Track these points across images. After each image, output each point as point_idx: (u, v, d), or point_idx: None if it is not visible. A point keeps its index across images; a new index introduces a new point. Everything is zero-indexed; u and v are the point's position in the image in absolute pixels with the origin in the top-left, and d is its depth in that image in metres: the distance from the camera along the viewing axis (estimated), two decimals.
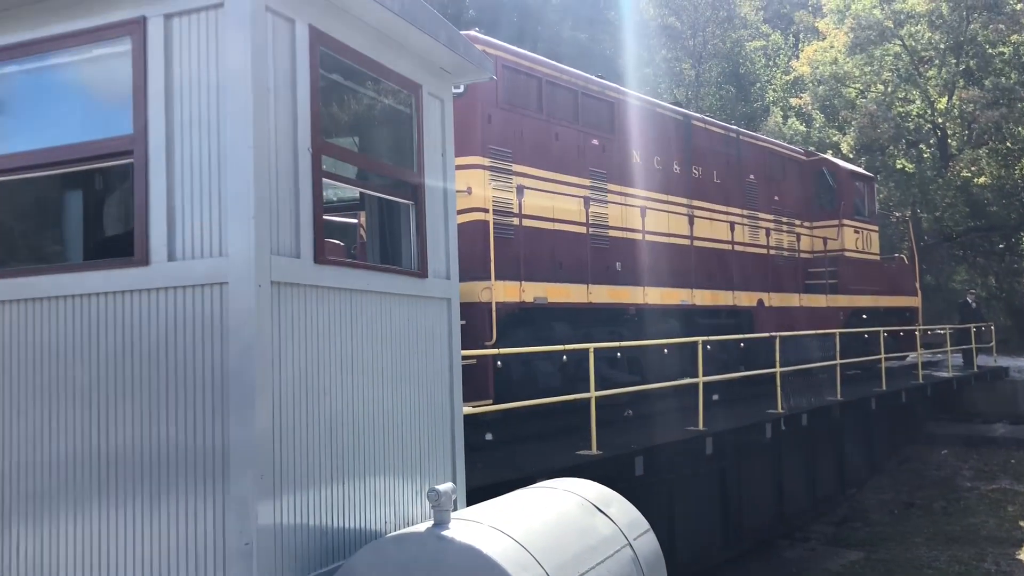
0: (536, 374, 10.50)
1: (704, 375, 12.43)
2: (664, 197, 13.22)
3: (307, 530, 3.66)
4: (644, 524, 4.59)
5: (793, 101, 33.61)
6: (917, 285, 20.99)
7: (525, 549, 3.47)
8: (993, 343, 22.24)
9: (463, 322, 9.50)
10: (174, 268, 3.56)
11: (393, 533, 3.73)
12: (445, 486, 3.57)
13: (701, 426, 10.95)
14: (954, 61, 29.37)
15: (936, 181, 28.98)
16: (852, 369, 17.38)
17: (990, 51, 29.75)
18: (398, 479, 4.28)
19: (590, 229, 11.51)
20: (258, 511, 3.38)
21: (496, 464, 9.03)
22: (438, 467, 4.67)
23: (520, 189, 10.37)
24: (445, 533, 3.42)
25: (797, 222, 17.17)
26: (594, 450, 9.25)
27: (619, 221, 12.26)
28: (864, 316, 18.21)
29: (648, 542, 4.50)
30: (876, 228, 19.26)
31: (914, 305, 20.60)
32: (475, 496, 5.60)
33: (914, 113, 30.86)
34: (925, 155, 30.91)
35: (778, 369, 12.74)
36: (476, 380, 9.58)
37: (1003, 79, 29.07)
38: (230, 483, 3.41)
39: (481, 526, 3.56)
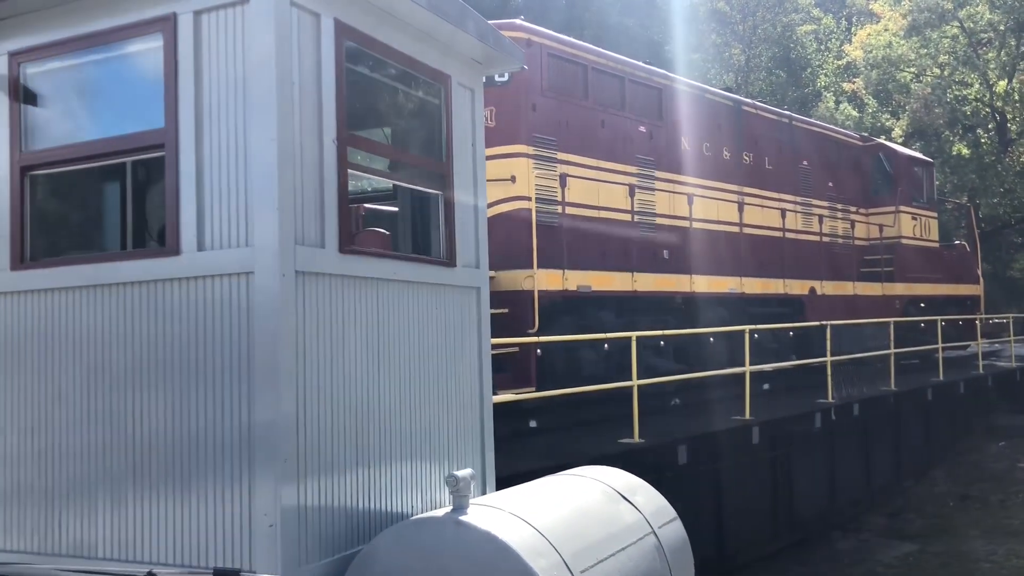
0: (580, 362, 10.53)
1: (753, 364, 12.36)
2: (714, 184, 13.08)
3: (332, 513, 3.75)
4: (670, 512, 4.59)
5: (845, 86, 32.90)
6: (979, 273, 20.41)
7: (543, 535, 3.52)
8: None
9: (506, 310, 9.67)
10: (203, 258, 3.67)
11: (414, 517, 3.81)
12: (464, 472, 3.63)
13: (748, 415, 10.87)
14: (1014, 43, 28.46)
15: (995, 167, 28.09)
16: (911, 359, 17.02)
17: None
18: (425, 465, 4.35)
19: (636, 217, 11.45)
20: (282, 494, 3.48)
21: (538, 451, 9.09)
22: (467, 453, 4.73)
23: (563, 178, 10.37)
24: (463, 518, 3.48)
25: (853, 209, 16.82)
26: (636, 438, 9.26)
27: (667, 208, 12.17)
28: (923, 305, 17.80)
29: (674, 530, 4.50)
30: (935, 215, 18.77)
31: (976, 293, 20.05)
32: (514, 482, 5.67)
33: (971, 97, 30.03)
34: (983, 140, 30.02)
35: (829, 358, 12.56)
36: (519, 368, 9.66)
37: None
38: (256, 466, 3.52)
39: (500, 512, 3.61)
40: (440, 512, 3.66)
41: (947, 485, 15.88)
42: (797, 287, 14.14)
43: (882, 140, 18.98)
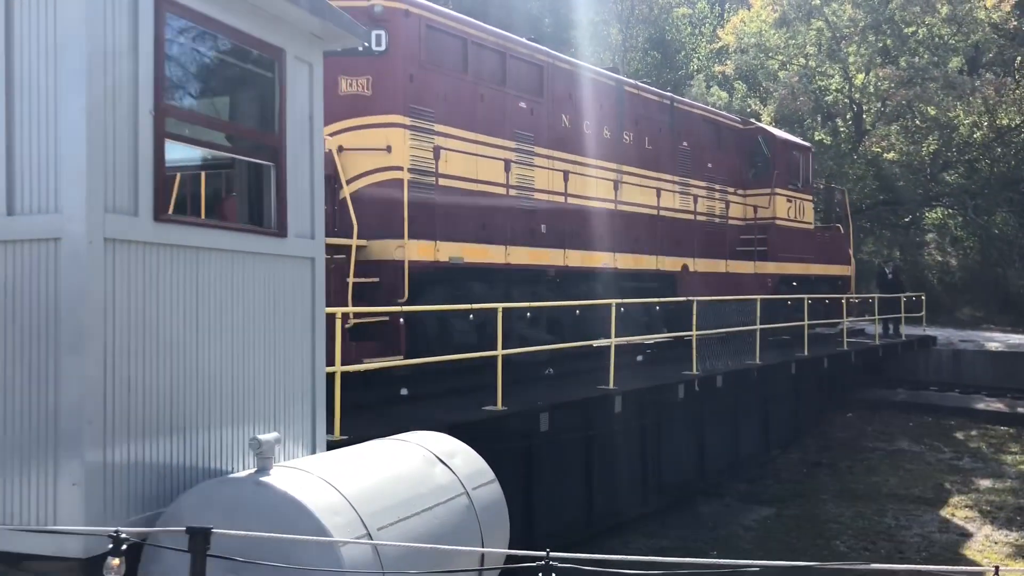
0: (452, 332, 10.73)
1: (624, 336, 12.90)
2: (593, 162, 13.42)
3: (143, 473, 3.88)
4: (488, 475, 4.87)
5: (716, 69, 34.22)
6: (851, 254, 21.47)
7: (343, 495, 3.73)
8: (924, 312, 22.91)
9: (376, 279, 9.79)
10: (12, 223, 3.72)
11: (218, 478, 3.97)
12: (268, 435, 3.81)
13: (611, 385, 11.28)
14: (872, 39, 30.52)
15: (850, 155, 29.96)
16: (785, 335, 17.86)
17: (906, 31, 30.92)
18: (249, 428, 4.50)
19: (513, 191, 11.69)
20: (87, 454, 3.59)
21: (402, 418, 9.26)
22: (295, 419, 4.89)
23: (439, 150, 10.49)
24: (264, 479, 3.67)
25: (731, 189, 17.47)
26: (500, 406, 9.54)
27: (545, 184, 12.44)
28: (794, 283, 18.66)
29: (490, 491, 4.78)
30: (810, 198, 19.64)
31: (846, 273, 21.10)
32: None
33: (833, 88, 31.95)
34: (841, 129, 32.03)
35: (694, 332, 13.12)
36: (388, 336, 9.81)
37: (917, 59, 30.28)
38: (61, 428, 3.62)
39: (304, 474, 3.80)
40: (244, 473, 3.83)
41: (801, 453, 16.84)
42: (669, 263, 14.67)
43: (761, 124, 19.68)
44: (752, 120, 20.28)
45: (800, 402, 18.03)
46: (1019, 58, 30.90)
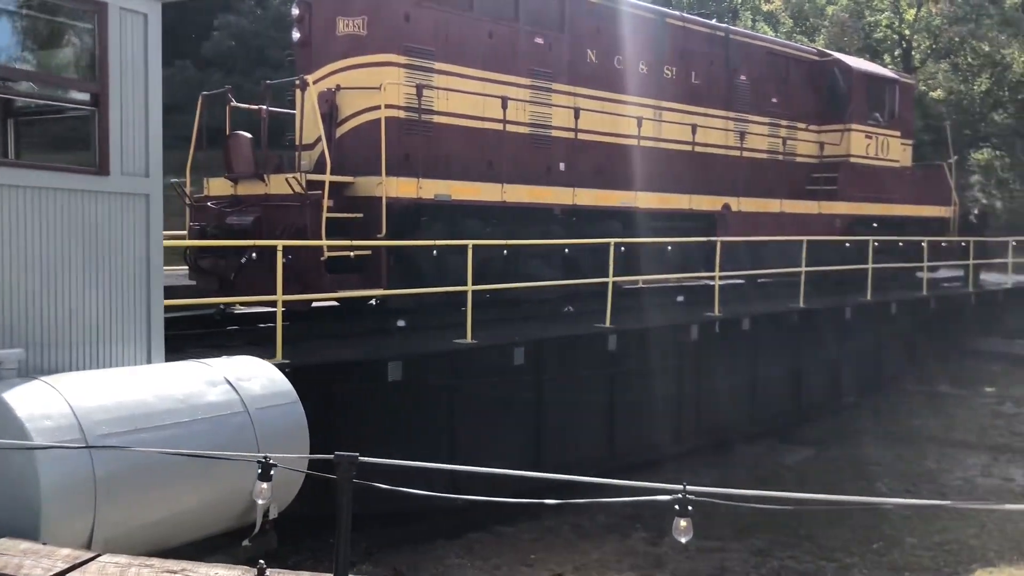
0: (447, 267, 11.03)
1: (653, 275, 12.89)
2: (622, 98, 13.21)
3: None
4: (287, 398, 5.26)
5: (764, 6, 32.33)
6: (952, 194, 20.01)
7: (69, 404, 4.23)
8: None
9: (360, 215, 10.22)
10: None
11: None
12: (10, 351, 4.36)
13: (608, 324, 11.32)
14: None
15: None
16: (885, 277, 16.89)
17: None
18: (60, 349, 5.06)
19: (518, 128, 11.74)
20: None
21: (380, 346, 9.80)
22: (128, 340, 5.42)
23: (420, 88, 10.65)
24: None
25: (801, 125, 16.67)
26: (469, 339, 9.85)
27: (564, 122, 12.40)
28: (874, 224, 17.68)
29: (282, 412, 5.18)
30: (898, 133, 18.36)
31: (944, 215, 19.72)
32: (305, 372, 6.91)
33: (883, 23, 29.96)
34: (888, 66, 30.34)
35: (717, 273, 12.87)
36: (370, 269, 10.27)
37: None
38: None
39: (44, 385, 4.34)
40: None
41: (841, 396, 16.27)
42: (707, 203, 14.28)
43: (839, 55, 18.42)
44: (830, 52, 19.04)
45: (882, 349, 17.10)
46: None
